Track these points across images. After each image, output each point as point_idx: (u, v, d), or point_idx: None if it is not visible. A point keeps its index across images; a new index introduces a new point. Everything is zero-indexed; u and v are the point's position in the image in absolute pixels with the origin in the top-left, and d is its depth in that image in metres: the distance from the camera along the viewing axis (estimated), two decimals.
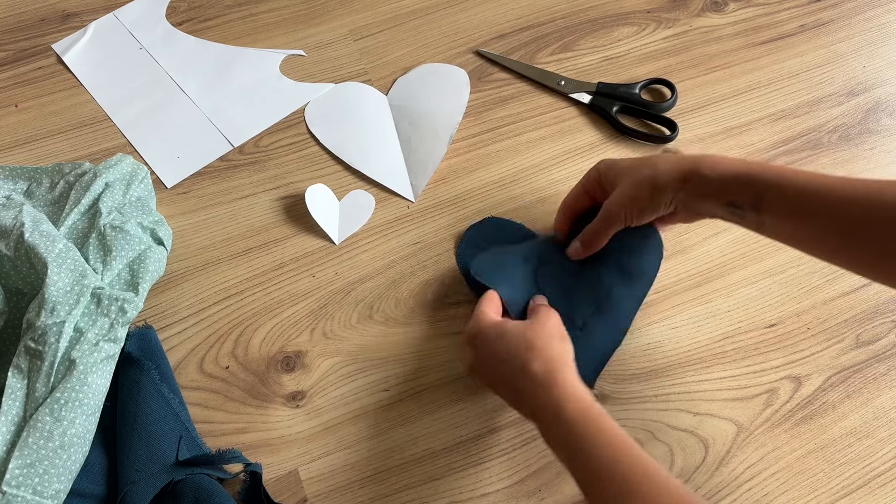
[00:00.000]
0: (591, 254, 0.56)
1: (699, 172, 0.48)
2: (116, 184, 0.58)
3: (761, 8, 0.76)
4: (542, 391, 0.44)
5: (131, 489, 0.47)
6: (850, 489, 0.52)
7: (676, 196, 0.49)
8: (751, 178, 0.46)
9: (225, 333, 0.57)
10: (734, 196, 0.47)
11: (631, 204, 0.51)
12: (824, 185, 0.43)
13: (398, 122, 0.68)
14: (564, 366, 0.46)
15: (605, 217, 0.53)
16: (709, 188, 0.48)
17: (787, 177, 0.45)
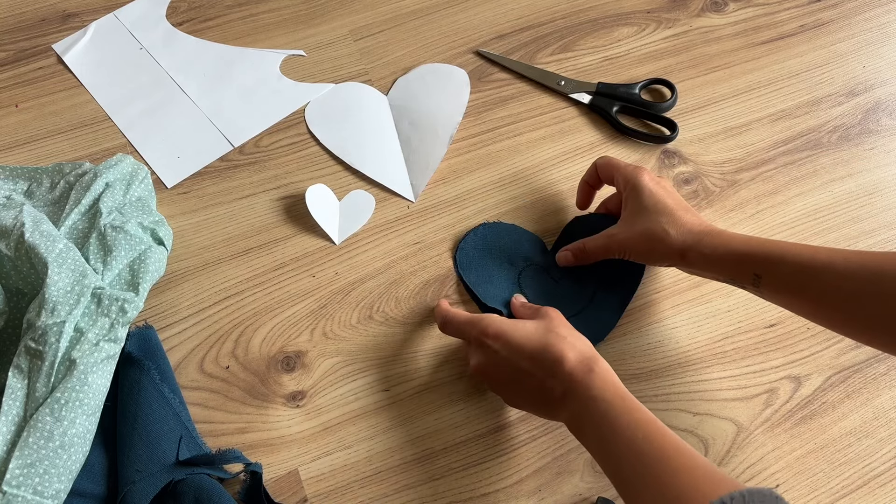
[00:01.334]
0: (578, 265, 0.59)
1: (699, 251, 0.50)
2: (117, 184, 0.58)
3: (761, 8, 0.76)
4: (578, 377, 0.45)
5: (131, 489, 0.47)
6: (850, 489, 0.52)
7: (676, 263, 0.52)
8: (750, 257, 0.48)
9: (225, 333, 0.57)
10: (732, 274, 0.49)
11: (634, 249, 0.54)
12: (826, 260, 0.45)
13: (398, 122, 0.68)
14: (596, 353, 0.47)
15: (605, 244, 0.56)
16: (707, 265, 0.50)
17: (787, 254, 0.46)
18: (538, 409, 0.49)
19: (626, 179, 0.55)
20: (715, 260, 0.49)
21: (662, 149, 0.67)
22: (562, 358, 0.45)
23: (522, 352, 0.47)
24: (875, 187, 0.65)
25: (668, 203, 0.52)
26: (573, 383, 0.45)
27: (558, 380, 0.45)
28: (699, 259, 0.50)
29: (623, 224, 0.55)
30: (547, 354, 0.46)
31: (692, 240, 0.50)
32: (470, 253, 0.60)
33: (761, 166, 0.66)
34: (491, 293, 0.58)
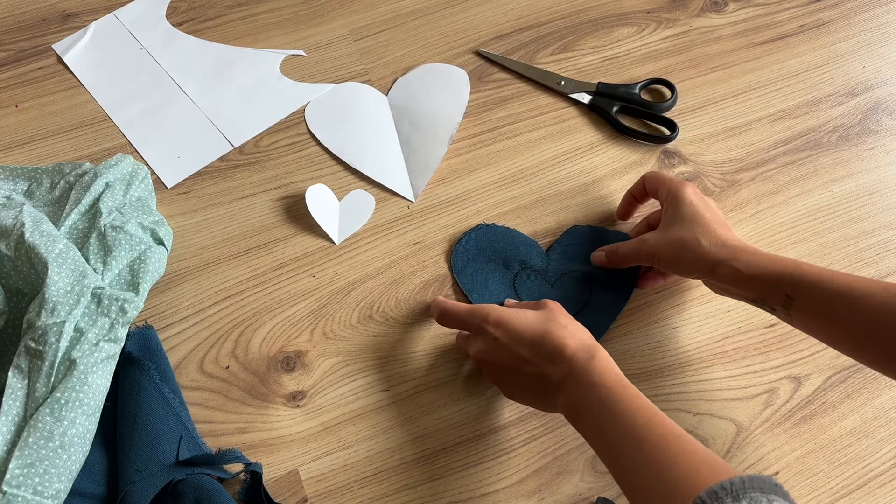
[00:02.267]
0: (609, 266, 0.59)
1: (731, 265, 0.49)
2: (117, 184, 0.58)
3: (761, 8, 0.76)
4: (578, 364, 0.45)
5: (131, 489, 0.47)
6: (850, 489, 0.52)
7: (705, 276, 0.52)
8: (784, 278, 0.47)
9: (225, 333, 0.57)
10: (763, 294, 0.48)
11: (663, 256, 0.53)
12: (864, 290, 0.44)
13: (398, 123, 0.68)
14: (596, 343, 0.47)
15: (636, 248, 0.55)
16: (738, 281, 0.49)
17: (823, 279, 0.46)
18: (536, 398, 0.49)
19: (669, 191, 0.55)
20: (747, 277, 0.48)
21: (662, 149, 0.67)
22: (562, 345, 0.46)
23: (523, 339, 0.47)
24: (875, 187, 0.65)
25: (706, 215, 0.52)
26: (573, 369, 0.45)
27: (558, 366, 0.46)
28: (730, 274, 0.49)
29: (658, 231, 0.55)
30: (547, 342, 0.46)
31: (725, 254, 0.50)
32: (465, 257, 0.60)
33: (761, 166, 0.66)
34: (485, 298, 0.58)
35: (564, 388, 0.45)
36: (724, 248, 0.50)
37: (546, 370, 0.46)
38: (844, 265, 0.61)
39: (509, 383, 0.50)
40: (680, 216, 0.53)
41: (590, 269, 0.59)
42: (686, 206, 0.53)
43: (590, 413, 0.44)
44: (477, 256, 0.60)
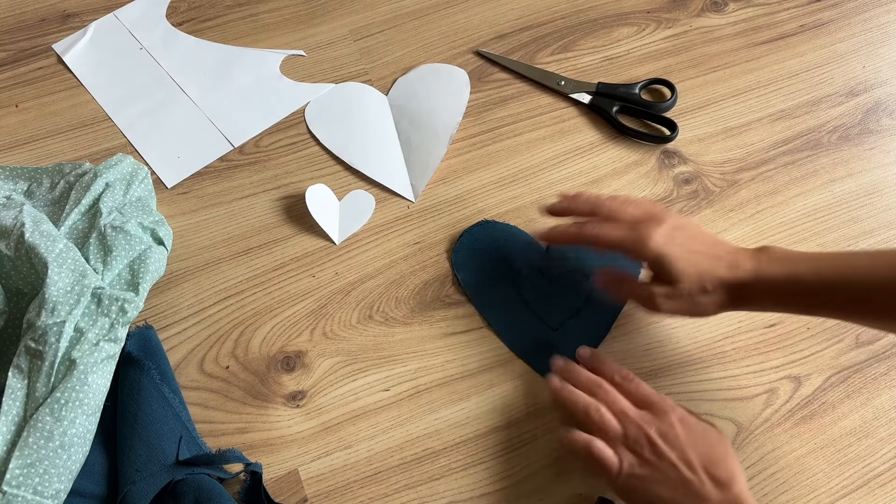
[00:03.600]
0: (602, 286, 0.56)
1: (748, 292, 0.48)
2: (117, 184, 0.58)
3: (761, 8, 0.76)
4: None
5: (131, 489, 0.47)
6: (850, 489, 0.52)
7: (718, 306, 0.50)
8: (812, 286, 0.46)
9: (225, 333, 0.57)
10: (784, 308, 0.49)
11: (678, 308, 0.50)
12: None
13: (398, 122, 0.68)
14: None
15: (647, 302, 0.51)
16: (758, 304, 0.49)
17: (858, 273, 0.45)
18: None
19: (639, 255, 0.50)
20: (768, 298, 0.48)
21: (662, 149, 0.67)
22: (734, 477, 0.45)
23: (699, 448, 0.46)
24: (875, 187, 0.65)
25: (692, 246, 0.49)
26: None
27: (721, 493, 0.44)
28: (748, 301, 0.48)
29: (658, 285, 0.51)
30: (723, 466, 0.46)
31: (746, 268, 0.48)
32: (465, 252, 0.60)
33: (761, 166, 0.66)
34: (486, 294, 0.58)
35: None
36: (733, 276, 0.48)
37: (704, 487, 0.44)
38: None
39: (652, 480, 0.46)
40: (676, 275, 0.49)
41: (590, 267, 0.59)
42: (675, 261, 0.48)
43: None
44: (478, 253, 0.60)
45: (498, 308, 0.58)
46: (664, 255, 0.48)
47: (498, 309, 0.58)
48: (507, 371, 0.56)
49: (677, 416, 0.48)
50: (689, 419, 0.48)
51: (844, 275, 0.45)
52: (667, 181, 0.65)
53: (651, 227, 0.49)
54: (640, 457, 0.46)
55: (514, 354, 0.56)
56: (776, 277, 0.47)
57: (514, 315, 0.58)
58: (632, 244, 0.50)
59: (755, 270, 0.48)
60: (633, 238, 0.50)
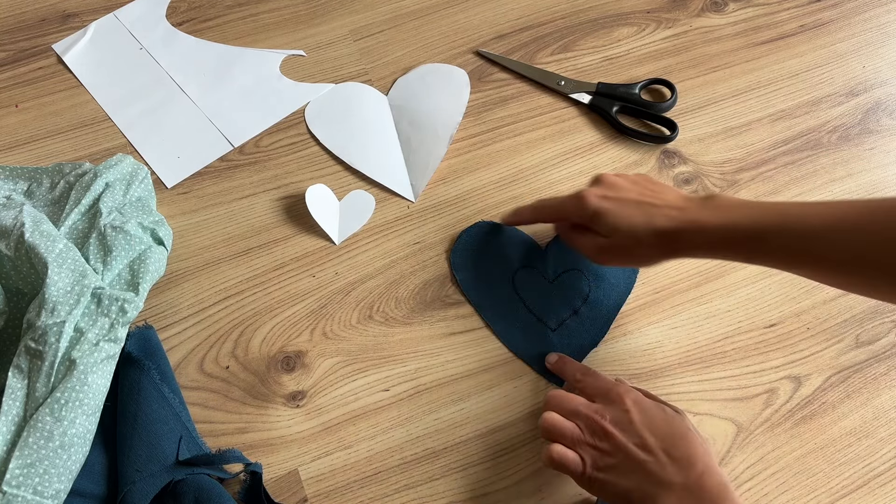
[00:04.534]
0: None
1: (681, 240, 0.48)
2: (117, 184, 0.58)
3: (761, 8, 0.76)
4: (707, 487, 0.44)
5: (131, 489, 0.47)
6: (850, 489, 0.52)
7: (668, 257, 0.51)
8: (745, 234, 0.46)
9: (225, 333, 0.57)
10: (722, 256, 0.48)
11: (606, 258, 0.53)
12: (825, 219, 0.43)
13: (398, 122, 0.68)
14: (724, 474, 0.45)
15: (588, 254, 0.54)
16: (693, 252, 0.49)
17: (789, 221, 0.44)
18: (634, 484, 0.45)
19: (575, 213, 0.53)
20: (702, 246, 0.48)
21: (662, 149, 0.67)
22: (694, 456, 0.44)
23: (656, 429, 0.46)
24: (875, 187, 0.65)
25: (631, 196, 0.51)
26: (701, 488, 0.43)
27: (681, 473, 0.44)
28: (682, 248, 0.48)
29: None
30: (682, 444, 0.45)
31: (672, 230, 0.48)
32: (464, 253, 0.60)
33: (761, 166, 0.66)
34: (485, 295, 0.58)
35: (678, 495, 0.43)
36: (668, 226, 0.48)
37: (665, 468, 0.44)
38: None
39: (615, 471, 0.46)
40: (609, 230, 0.50)
41: (589, 267, 0.59)
42: (606, 216, 0.50)
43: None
44: (476, 253, 0.60)
45: (497, 308, 0.58)
46: (597, 211, 0.51)
47: (497, 309, 0.58)
48: (507, 371, 0.56)
49: (631, 399, 0.48)
50: (643, 402, 0.48)
51: (778, 223, 0.44)
52: (667, 181, 0.65)
53: (589, 187, 0.54)
54: (601, 450, 0.46)
55: (513, 354, 0.57)
56: (711, 224, 0.47)
57: (512, 315, 0.58)
58: (572, 205, 0.53)
59: (691, 219, 0.48)
60: (572, 199, 0.53)
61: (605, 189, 0.52)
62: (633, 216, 0.50)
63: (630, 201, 0.50)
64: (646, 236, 0.49)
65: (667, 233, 0.48)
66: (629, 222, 0.49)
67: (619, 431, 0.46)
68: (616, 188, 0.52)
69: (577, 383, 0.52)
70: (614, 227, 0.50)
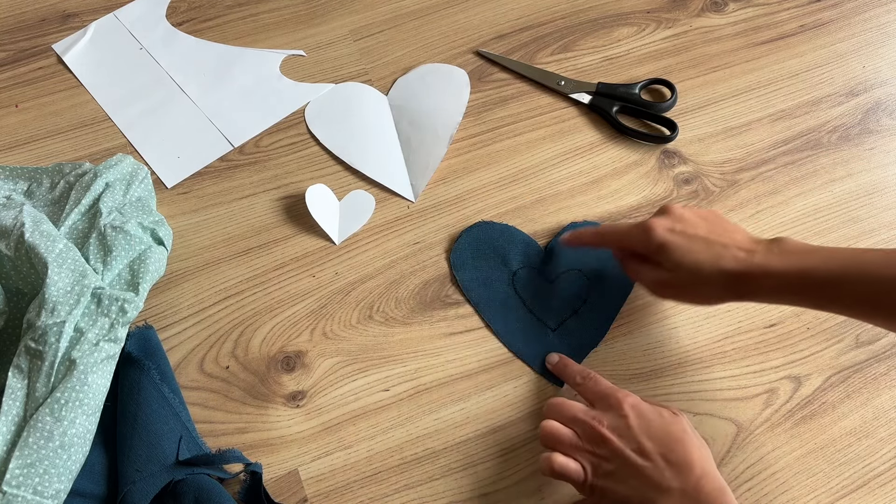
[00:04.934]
0: None
1: (749, 284, 0.47)
2: (117, 184, 0.58)
3: (761, 8, 0.76)
4: (704, 491, 0.44)
5: (131, 489, 0.47)
6: (850, 489, 0.52)
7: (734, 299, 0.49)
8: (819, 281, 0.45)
9: (225, 333, 0.57)
10: (789, 301, 0.48)
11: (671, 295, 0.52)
12: None
13: (398, 122, 0.68)
14: (722, 479, 0.45)
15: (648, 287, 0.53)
16: (759, 296, 0.48)
17: (866, 268, 0.44)
18: (633, 491, 0.45)
19: (641, 243, 0.51)
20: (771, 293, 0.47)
21: (662, 149, 0.67)
22: (691, 461, 0.44)
23: (653, 433, 0.46)
24: (875, 187, 0.65)
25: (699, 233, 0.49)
26: (698, 493, 0.43)
27: (678, 478, 0.44)
28: (750, 293, 0.47)
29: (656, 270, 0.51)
30: (678, 449, 0.45)
31: (740, 274, 0.47)
32: (464, 254, 0.60)
33: (761, 166, 0.66)
34: (485, 295, 0.58)
35: (676, 501, 0.43)
36: (735, 269, 0.47)
37: (663, 474, 0.44)
38: None
39: (615, 478, 0.45)
40: (672, 264, 0.49)
41: (589, 267, 0.59)
42: (671, 250, 0.49)
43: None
44: (476, 253, 0.60)
45: (497, 308, 0.58)
46: (663, 244, 0.49)
47: (497, 309, 0.58)
48: (507, 371, 0.56)
49: (629, 405, 0.47)
50: (641, 406, 0.48)
51: (855, 271, 0.44)
52: (667, 181, 0.65)
53: (656, 217, 0.52)
54: (600, 457, 0.46)
55: (513, 355, 0.57)
56: (781, 269, 0.46)
57: (512, 315, 0.58)
58: (637, 234, 0.51)
59: (761, 263, 0.47)
60: (638, 229, 0.51)
61: (673, 221, 0.51)
62: (699, 253, 0.48)
63: (698, 237, 0.49)
64: (711, 276, 0.48)
65: (734, 275, 0.47)
66: (695, 259, 0.48)
67: (617, 437, 0.46)
68: (684, 222, 0.50)
69: (576, 387, 0.52)
70: (679, 263, 0.49)
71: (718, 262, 0.48)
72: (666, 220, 0.51)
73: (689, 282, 0.49)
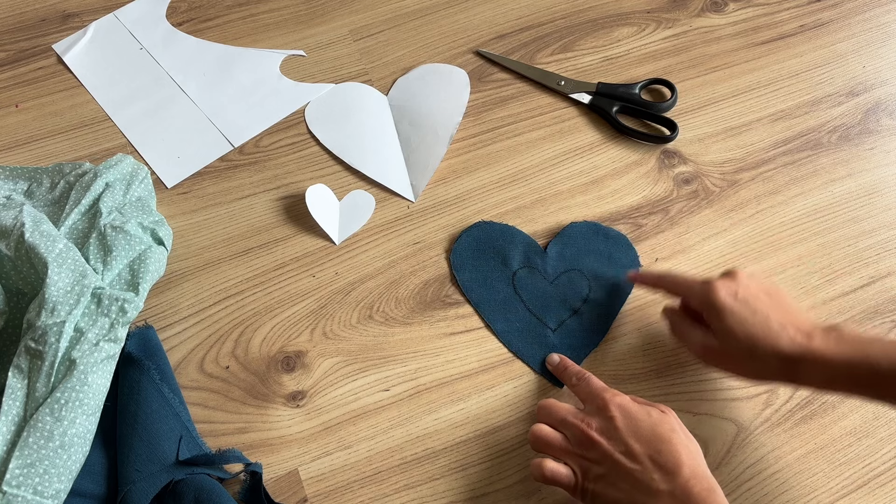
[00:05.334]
0: None
1: (801, 369, 0.46)
2: (117, 184, 0.58)
3: (761, 8, 0.76)
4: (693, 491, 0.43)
5: (131, 489, 0.47)
6: (850, 489, 0.52)
7: (785, 382, 0.48)
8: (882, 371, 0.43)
9: (225, 333, 0.57)
10: (844, 390, 0.46)
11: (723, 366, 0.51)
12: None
13: (398, 122, 0.68)
14: (712, 478, 0.45)
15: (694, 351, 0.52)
16: (810, 382, 0.47)
17: None
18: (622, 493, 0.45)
19: (702, 303, 0.50)
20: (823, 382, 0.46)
21: (662, 149, 0.67)
22: (679, 462, 0.44)
23: (641, 434, 0.46)
24: (875, 187, 0.65)
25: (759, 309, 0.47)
26: (686, 494, 0.43)
27: (666, 480, 0.44)
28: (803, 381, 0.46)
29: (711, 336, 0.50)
30: (665, 449, 0.45)
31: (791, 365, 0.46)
32: (464, 254, 0.60)
33: (761, 166, 0.66)
34: (485, 295, 0.58)
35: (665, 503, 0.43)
36: (787, 360, 0.45)
37: (652, 476, 0.44)
38: (844, 265, 0.61)
39: (606, 482, 0.45)
40: (724, 332, 0.48)
41: (588, 267, 0.59)
42: (728, 316, 0.47)
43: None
44: (476, 253, 0.60)
45: (497, 308, 0.58)
46: (723, 309, 0.48)
47: (497, 309, 0.58)
48: (507, 371, 0.56)
49: (616, 405, 0.47)
50: (628, 406, 0.47)
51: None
52: (667, 181, 0.65)
53: (721, 279, 0.50)
54: (589, 460, 0.46)
55: (513, 355, 0.57)
56: (840, 359, 0.44)
57: (512, 315, 0.58)
58: (700, 291, 0.50)
59: (819, 348, 0.45)
60: (702, 286, 0.50)
61: (738, 288, 0.49)
62: (756, 327, 0.47)
63: (759, 311, 0.47)
64: (765, 354, 0.46)
65: (789, 358, 0.46)
66: (751, 332, 0.47)
67: (606, 440, 0.46)
68: (748, 291, 0.49)
69: (572, 388, 0.52)
70: (733, 332, 0.47)
71: (774, 341, 0.46)
72: (731, 284, 0.49)
73: (739, 354, 0.48)
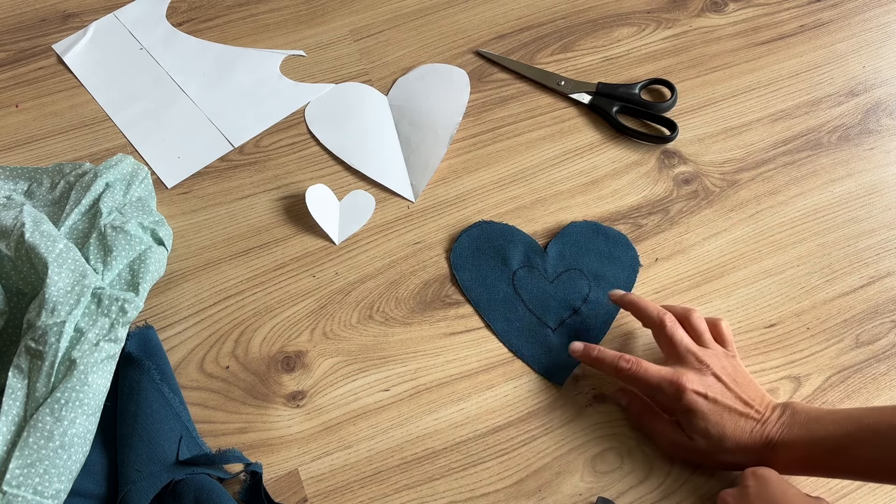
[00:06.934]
0: None
1: (767, 458, 0.48)
2: (117, 184, 0.58)
3: (761, 8, 0.76)
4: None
5: (131, 489, 0.47)
6: (850, 489, 0.52)
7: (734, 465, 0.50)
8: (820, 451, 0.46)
9: (225, 333, 0.57)
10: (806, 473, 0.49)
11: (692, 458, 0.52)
12: None
13: (398, 123, 0.68)
14: None
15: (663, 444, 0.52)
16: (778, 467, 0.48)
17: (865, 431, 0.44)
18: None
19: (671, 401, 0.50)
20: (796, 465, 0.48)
21: (662, 149, 0.67)
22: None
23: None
24: (875, 187, 0.65)
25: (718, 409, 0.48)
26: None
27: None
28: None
29: None
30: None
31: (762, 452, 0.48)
32: (464, 253, 0.60)
33: (761, 166, 0.66)
34: (485, 295, 0.58)
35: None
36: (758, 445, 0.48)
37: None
38: (844, 265, 0.61)
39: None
40: (699, 432, 0.49)
41: (589, 267, 0.59)
42: (701, 420, 0.48)
43: None
44: (476, 253, 0.60)
45: (496, 308, 0.58)
46: (693, 410, 0.48)
47: (497, 309, 0.58)
48: (507, 371, 0.56)
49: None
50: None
51: (862, 436, 0.44)
52: (667, 181, 0.65)
53: (687, 374, 0.49)
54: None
55: (513, 355, 0.57)
56: (791, 441, 0.47)
57: (512, 315, 0.58)
58: (669, 390, 0.49)
59: (771, 435, 0.48)
60: (670, 386, 0.49)
61: (703, 386, 0.49)
62: (724, 426, 0.48)
63: (725, 408, 0.48)
64: (731, 449, 0.48)
65: (752, 450, 0.48)
66: (720, 432, 0.48)
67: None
68: (712, 389, 0.49)
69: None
70: (703, 432, 0.48)
71: (739, 436, 0.48)
72: (697, 383, 0.48)
73: (707, 451, 0.49)
